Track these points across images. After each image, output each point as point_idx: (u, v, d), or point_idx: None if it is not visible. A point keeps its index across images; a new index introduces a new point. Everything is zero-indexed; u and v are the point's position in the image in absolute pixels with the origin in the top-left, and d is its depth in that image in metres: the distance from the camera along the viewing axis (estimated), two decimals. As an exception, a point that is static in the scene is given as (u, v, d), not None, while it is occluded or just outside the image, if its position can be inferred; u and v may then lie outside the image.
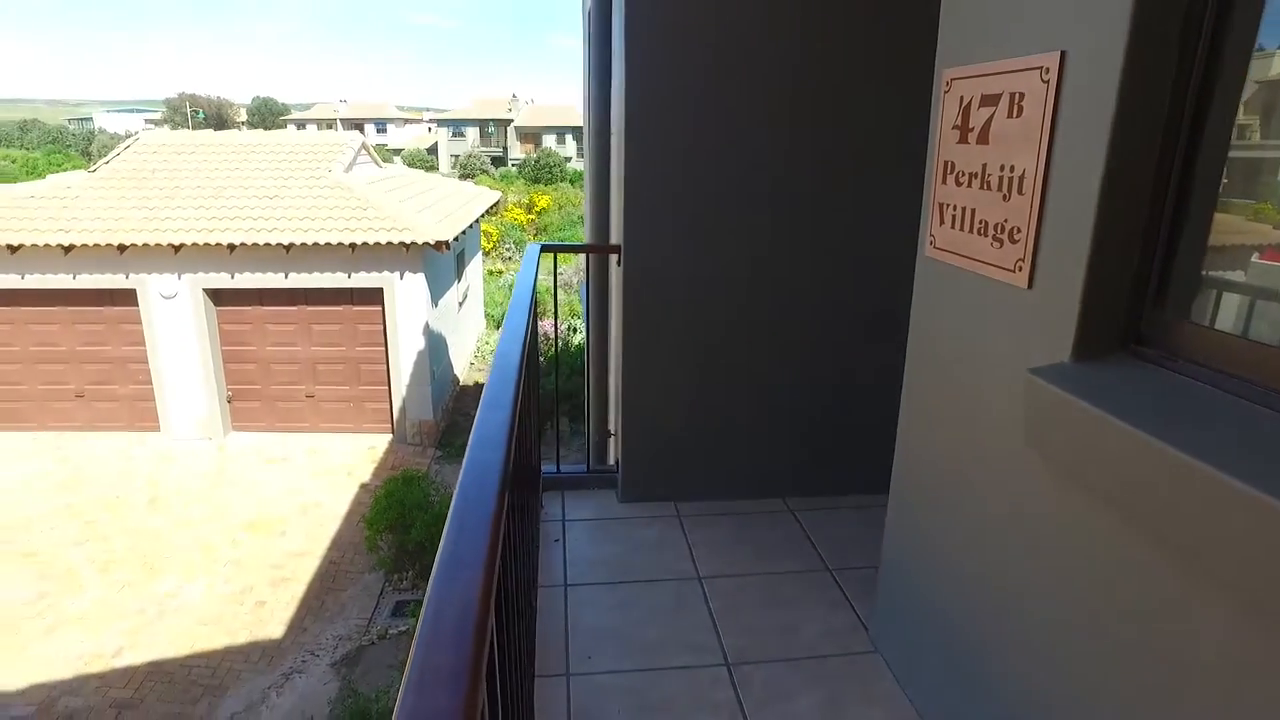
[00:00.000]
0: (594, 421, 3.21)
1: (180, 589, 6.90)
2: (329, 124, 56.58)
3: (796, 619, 2.28)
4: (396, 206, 9.55)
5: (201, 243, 8.84)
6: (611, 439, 3.21)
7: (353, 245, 8.93)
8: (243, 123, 59.59)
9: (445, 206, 11.23)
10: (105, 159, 10.84)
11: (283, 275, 9.31)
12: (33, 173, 25.21)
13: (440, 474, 9.06)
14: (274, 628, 6.66)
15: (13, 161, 32.02)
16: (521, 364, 1.54)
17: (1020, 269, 1.42)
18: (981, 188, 1.54)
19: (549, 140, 48.43)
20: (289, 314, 9.68)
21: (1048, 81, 1.31)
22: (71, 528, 7.83)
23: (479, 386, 12.94)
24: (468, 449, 1.11)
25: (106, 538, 7.66)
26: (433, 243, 8.90)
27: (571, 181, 33.64)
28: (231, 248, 8.94)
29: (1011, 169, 1.44)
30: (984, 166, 1.54)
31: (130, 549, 7.49)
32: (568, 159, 41.67)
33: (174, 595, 6.82)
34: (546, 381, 8.81)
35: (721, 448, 2.97)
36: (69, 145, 43.38)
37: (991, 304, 1.53)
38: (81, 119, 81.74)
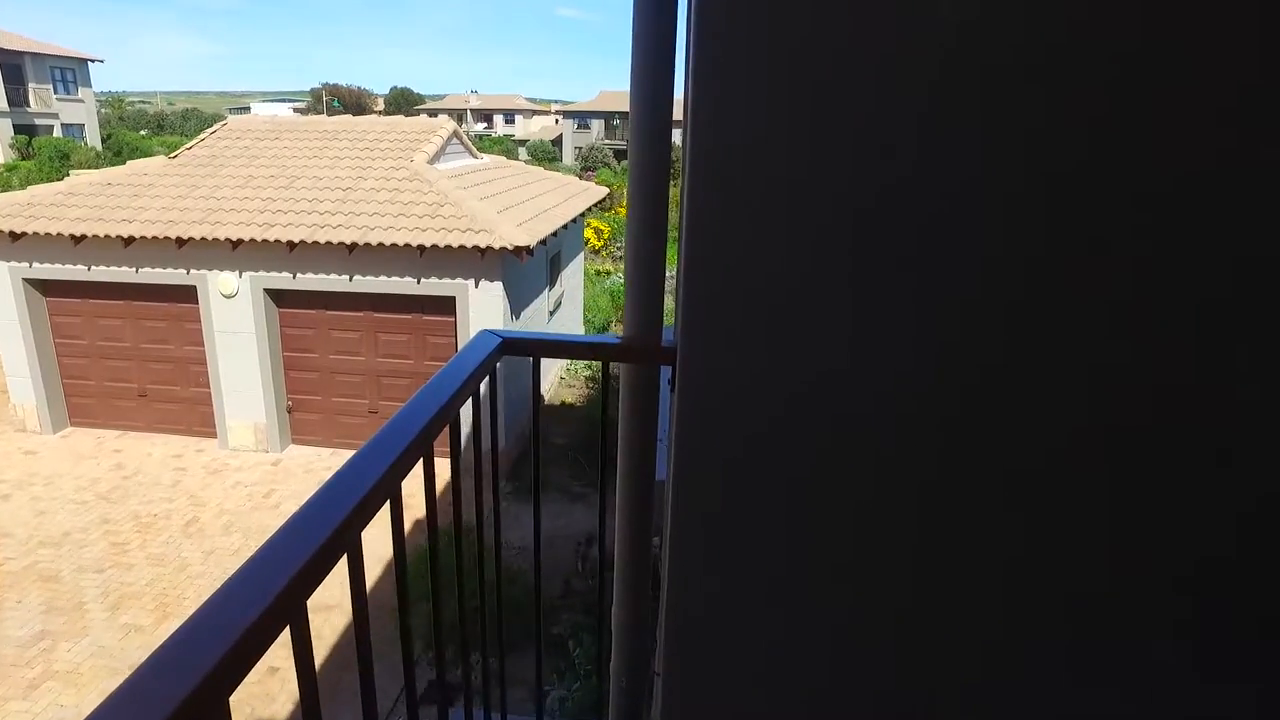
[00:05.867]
0: (620, 655, 1.74)
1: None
2: (459, 114, 57.77)
3: None
4: (476, 204, 8.38)
5: (260, 239, 7.96)
6: (658, 678, 1.72)
7: (420, 248, 7.82)
8: (379, 111, 61.65)
9: (539, 204, 10.00)
10: (189, 144, 10.29)
11: (347, 278, 8.33)
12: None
13: (505, 515, 7.81)
14: (280, 705, 5.59)
15: (166, 146, 34.03)
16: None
17: None
18: None
19: (676, 135, 46.96)
20: (353, 320, 8.71)
21: None
22: (99, 549, 7.10)
23: (566, 406, 11.74)
24: None
25: (131, 566, 6.87)
26: (510, 248, 7.64)
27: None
28: (291, 246, 8.02)
29: None
30: None
31: (150, 583, 6.64)
32: (690, 154, 40.02)
33: (176, 653, 5.87)
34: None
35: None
36: (221, 132, 45.91)
37: None
38: (240, 108, 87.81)
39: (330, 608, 6.44)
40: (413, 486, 1.22)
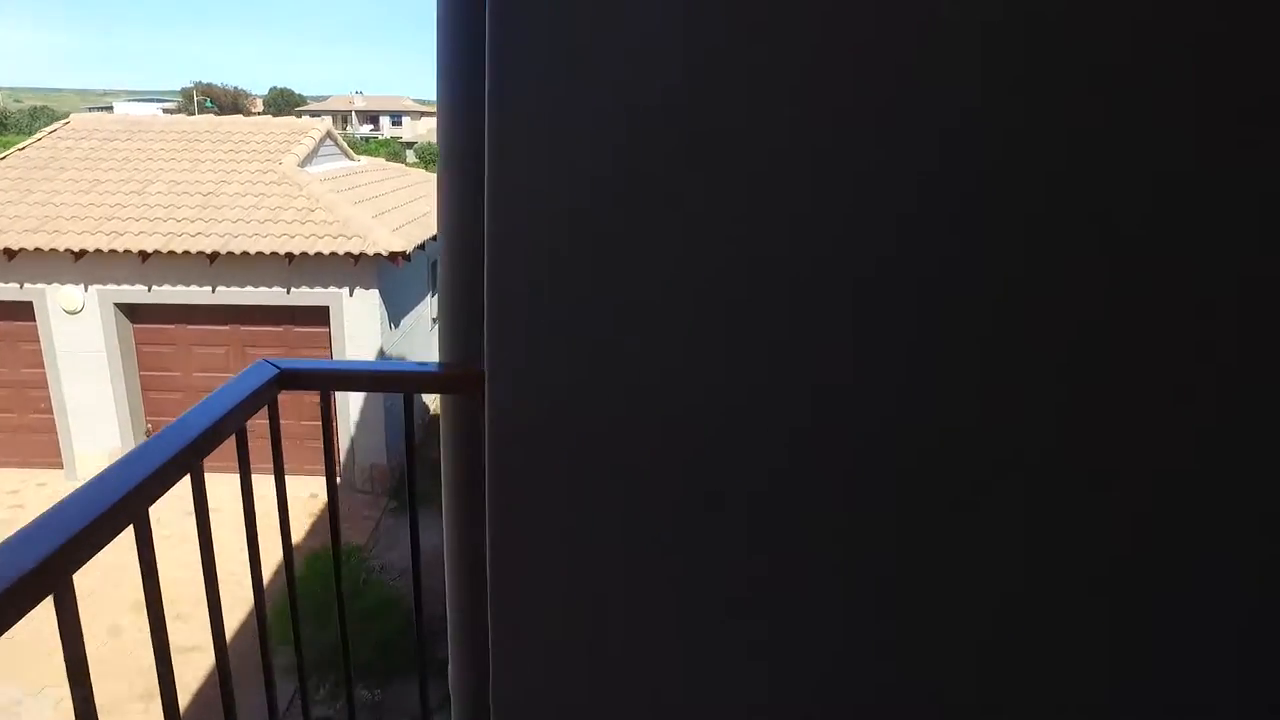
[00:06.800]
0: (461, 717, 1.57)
1: (17, 705, 5.34)
2: (344, 115, 55.68)
3: None
4: (349, 209, 7.94)
5: (107, 249, 7.28)
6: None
7: (289, 255, 7.34)
8: (258, 113, 58.58)
9: (418, 208, 9.61)
10: (21, 144, 9.35)
11: (209, 289, 7.74)
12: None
13: (388, 534, 7.45)
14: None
15: (4, 146, 31.07)
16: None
17: None
18: None
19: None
20: (219, 335, 8.11)
21: None
22: (-83, 602, 6.28)
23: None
24: None
25: (-45, 619, 6.11)
26: (385, 254, 7.28)
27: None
28: (144, 256, 7.38)
29: None
30: None
31: (-21, 637, 5.93)
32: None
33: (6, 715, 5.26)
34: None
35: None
36: (77, 133, 42.41)
37: None
38: (102, 107, 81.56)
39: (199, 647, 5.91)
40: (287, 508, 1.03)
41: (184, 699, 5.53)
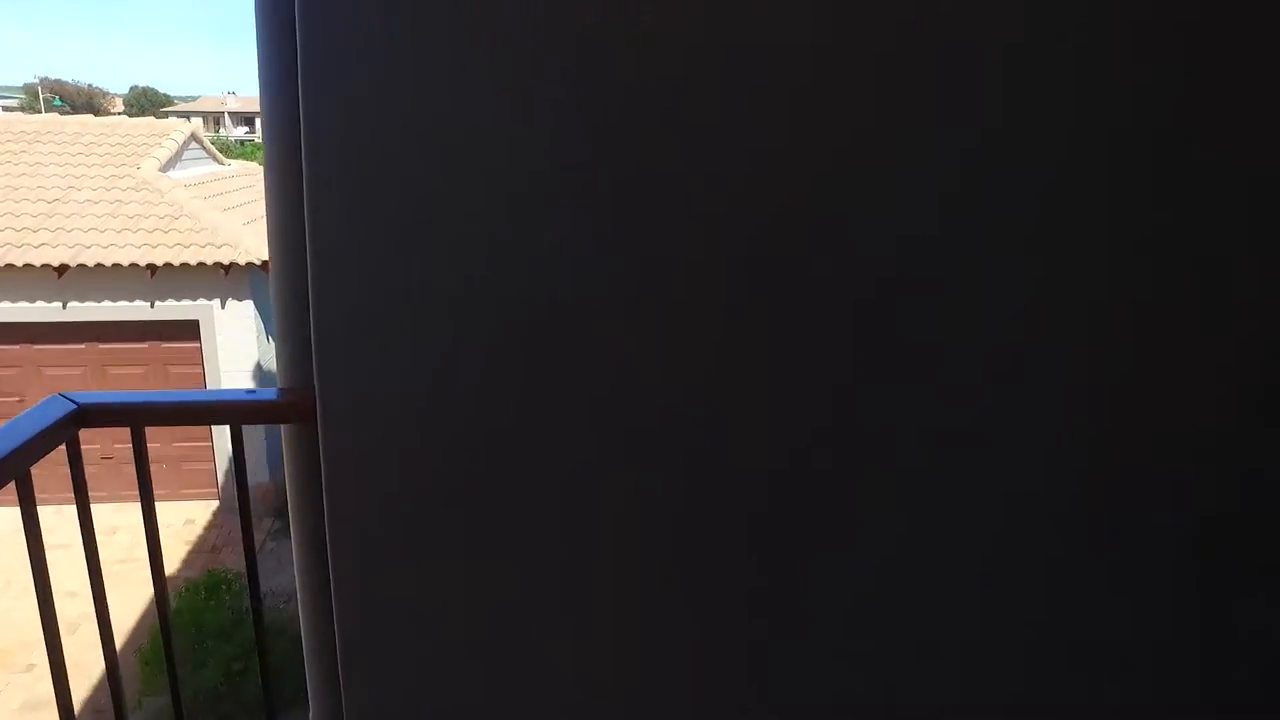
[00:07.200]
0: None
1: None
2: (216, 116, 52.69)
3: None
4: (217, 216, 7.47)
5: (-68, 263, 6.58)
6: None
7: (151, 267, 6.83)
8: (118, 113, 54.51)
9: (296, 213, 9.15)
10: None
11: (59, 305, 7.11)
12: None
13: (271, 558, 7.05)
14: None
15: None
16: None
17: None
18: None
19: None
20: (72, 354, 7.46)
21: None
22: None
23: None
24: None
25: None
26: (258, 263, 6.89)
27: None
28: (-24, 270, 6.71)
29: None
30: None
31: None
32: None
33: None
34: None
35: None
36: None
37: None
38: (-69, 105, 73.73)
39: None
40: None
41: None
